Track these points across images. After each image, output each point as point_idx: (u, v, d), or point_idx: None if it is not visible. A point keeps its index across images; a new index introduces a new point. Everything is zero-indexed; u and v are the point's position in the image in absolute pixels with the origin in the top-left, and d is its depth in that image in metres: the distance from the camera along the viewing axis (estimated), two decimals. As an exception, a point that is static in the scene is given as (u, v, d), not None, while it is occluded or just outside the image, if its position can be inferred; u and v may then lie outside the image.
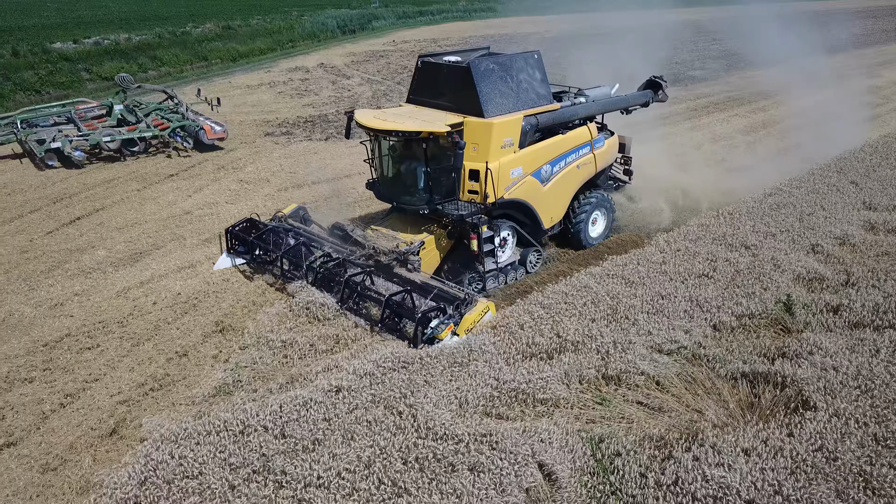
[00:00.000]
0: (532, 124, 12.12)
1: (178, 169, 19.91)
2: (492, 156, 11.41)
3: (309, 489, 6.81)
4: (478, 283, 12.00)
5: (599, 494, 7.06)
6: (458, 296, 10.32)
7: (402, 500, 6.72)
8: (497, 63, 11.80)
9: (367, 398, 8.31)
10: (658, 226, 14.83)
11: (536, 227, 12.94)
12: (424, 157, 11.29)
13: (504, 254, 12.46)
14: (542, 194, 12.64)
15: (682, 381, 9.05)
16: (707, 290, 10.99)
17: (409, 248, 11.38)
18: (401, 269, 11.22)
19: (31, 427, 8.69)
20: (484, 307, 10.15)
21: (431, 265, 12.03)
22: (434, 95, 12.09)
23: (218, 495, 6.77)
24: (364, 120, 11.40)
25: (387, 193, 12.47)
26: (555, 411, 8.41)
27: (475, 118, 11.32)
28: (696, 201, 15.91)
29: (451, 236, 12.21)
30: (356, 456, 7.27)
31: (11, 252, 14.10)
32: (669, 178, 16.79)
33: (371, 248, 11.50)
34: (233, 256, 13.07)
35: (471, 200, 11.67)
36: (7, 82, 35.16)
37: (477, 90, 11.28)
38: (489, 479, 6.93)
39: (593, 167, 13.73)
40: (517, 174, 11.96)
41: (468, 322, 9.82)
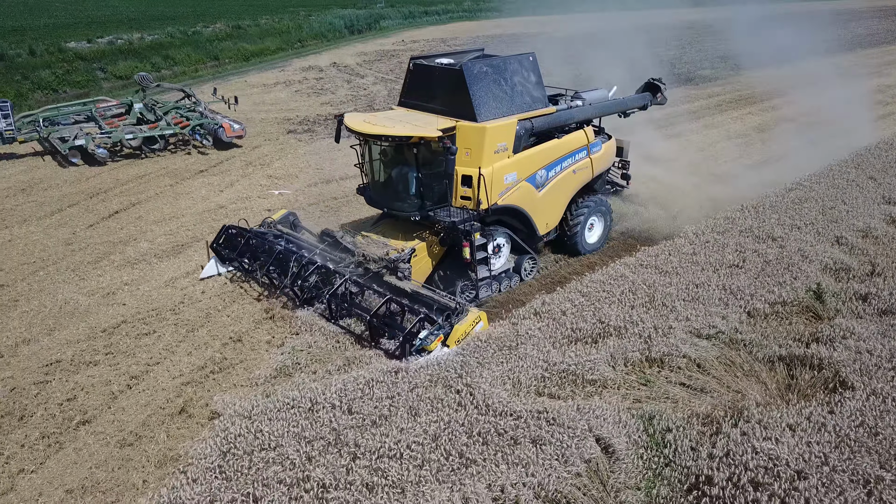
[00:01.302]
0: (527, 128, 11.74)
1: (207, 165, 20.32)
2: (485, 161, 11.04)
3: (382, 460, 7.22)
4: (471, 291, 11.64)
5: (655, 466, 7.48)
6: (448, 305, 9.98)
7: (470, 470, 7.13)
8: (491, 65, 11.45)
9: (426, 378, 8.72)
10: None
11: (531, 234, 12.61)
12: (415, 162, 10.96)
13: (498, 261, 12.11)
14: (537, 200, 12.28)
15: (721, 363, 9.46)
16: (739, 279, 11.40)
17: (399, 256, 10.97)
18: (391, 278, 10.85)
19: (102, 406, 9.10)
20: (475, 317, 9.81)
21: (423, 273, 11.67)
22: (426, 98, 11.72)
23: (297, 465, 7.18)
24: (353, 124, 11.00)
25: (377, 199, 12.12)
26: (603, 391, 8.83)
27: (468, 122, 10.96)
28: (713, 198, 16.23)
29: (443, 243, 11.79)
30: (423, 430, 7.68)
31: (57, 244, 14.51)
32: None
33: (361, 255, 11.14)
34: (218, 262, 12.72)
35: (463, 207, 11.27)
36: (25, 81, 35.55)
37: (470, 93, 10.92)
38: (552, 450, 7.34)
39: (590, 172, 13.40)
40: (511, 180, 11.59)
41: (459, 333, 9.50)
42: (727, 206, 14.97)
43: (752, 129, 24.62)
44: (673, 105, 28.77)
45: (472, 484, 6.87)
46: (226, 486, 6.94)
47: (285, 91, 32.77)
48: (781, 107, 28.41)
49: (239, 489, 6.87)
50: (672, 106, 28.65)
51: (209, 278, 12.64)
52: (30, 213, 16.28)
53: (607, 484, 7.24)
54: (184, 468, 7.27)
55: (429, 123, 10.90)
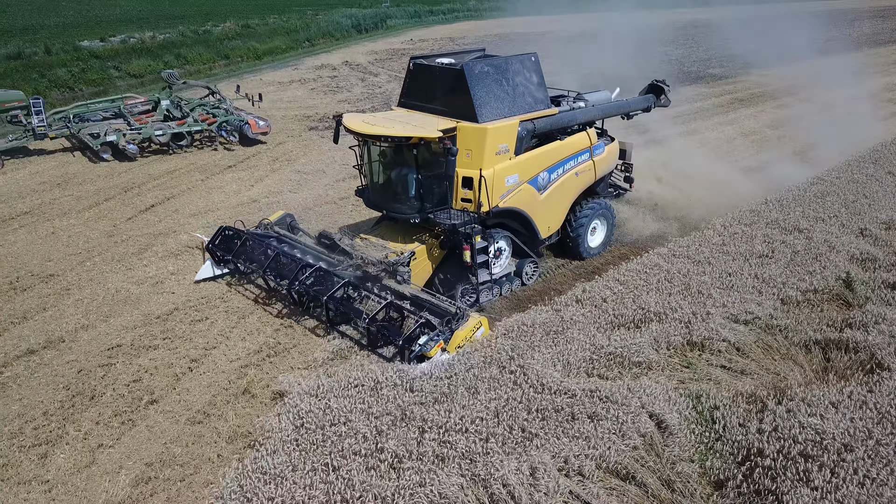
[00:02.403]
0: (528, 130, 11.56)
1: (235, 161, 20.70)
2: (486, 162, 10.86)
3: (450, 433, 7.60)
4: (471, 295, 11.44)
5: (706, 440, 7.87)
6: (449, 310, 9.82)
7: (533, 442, 7.53)
8: (492, 65, 11.26)
9: (479, 359, 9.12)
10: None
11: (533, 237, 12.39)
12: (415, 163, 10.76)
13: (499, 265, 11.93)
14: (538, 203, 12.08)
15: (759, 347, 9.86)
16: (770, 269, 11.80)
17: (398, 259, 10.80)
18: (390, 281, 10.71)
19: (167, 387, 9.49)
20: (476, 322, 9.63)
21: (423, 276, 11.50)
22: (426, 99, 11.54)
23: (369, 438, 7.57)
24: (352, 124, 10.83)
25: (376, 201, 11.89)
26: (648, 373, 9.21)
27: (469, 123, 10.79)
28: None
29: (443, 246, 11.62)
30: (483, 407, 8.07)
31: (99, 236, 14.90)
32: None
33: (359, 258, 10.95)
34: (214, 264, 12.58)
35: (464, 209, 11.09)
36: (42, 79, 35.91)
37: (471, 94, 10.74)
38: (608, 425, 7.73)
39: (593, 174, 13.22)
40: (513, 182, 11.42)
41: (459, 338, 9.34)
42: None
43: (766, 126, 25.00)
44: (687, 102, 29.32)
45: (539, 455, 7.26)
46: (304, 457, 7.32)
47: (301, 89, 33.16)
48: (793, 105, 28.79)
49: (318, 460, 7.26)
50: (686, 103, 29.22)
51: (204, 280, 12.51)
52: (69, 207, 16.66)
53: (663, 456, 7.63)
54: (262, 441, 7.64)
55: (429, 124, 10.73)
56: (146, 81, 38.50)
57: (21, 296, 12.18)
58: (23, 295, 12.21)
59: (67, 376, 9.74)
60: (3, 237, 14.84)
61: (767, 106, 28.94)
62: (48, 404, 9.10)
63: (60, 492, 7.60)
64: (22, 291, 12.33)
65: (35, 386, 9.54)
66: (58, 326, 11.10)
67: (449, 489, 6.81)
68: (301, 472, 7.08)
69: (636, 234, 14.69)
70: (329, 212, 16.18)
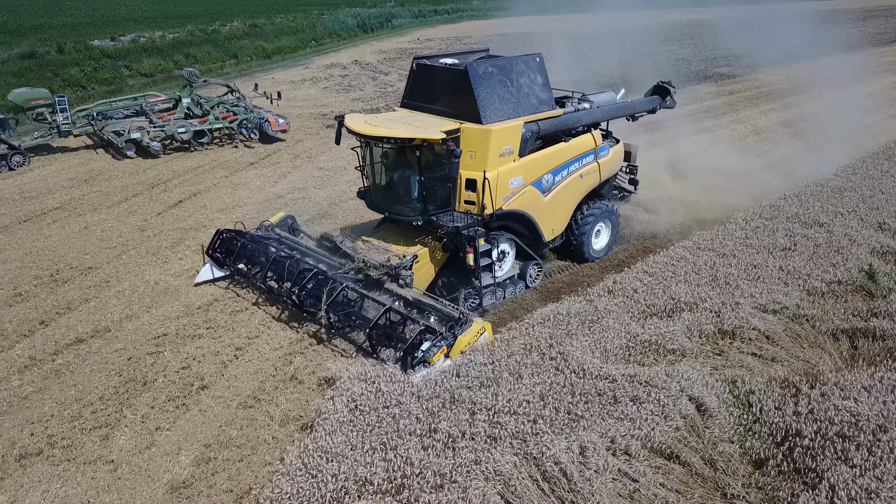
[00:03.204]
0: (533, 131, 11.43)
1: (256, 158, 21.00)
2: (490, 164, 10.72)
3: (500, 415, 7.91)
4: (474, 298, 11.29)
5: (744, 422, 8.19)
6: (452, 315, 9.68)
7: (580, 423, 7.83)
8: (496, 66, 11.11)
9: (520, 346, 9.42)
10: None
11: (537, 240, 12.25)
12: (418, 165, 10.59)
13: (502, 268, 11.78)
14: (543, 205, 11.92)
15: (788, 336, 10.16)
16: (794, 261, 12.11)
17: (400, 262, 10.66)
18: (392, 285, 10.53)
19: (216, 374, 9.79)
20: (480, 328, 9.51)
21: (425, 280, 11.34)
22: (429, 100, 11.39)
23: (422, 419, 7.87)
24: (354, 125, 10.68)
25: (378, 203, 11.73)
26: (682, 360, 9.51)
27: (472, 124, 10.63)
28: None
29: (446, 249, 11.46)
30: (529, 391, 8.37)
31: (131, 231, 15.20)
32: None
33: (361, 261, 10.79)
34: (214, 266, 12.42)
35: (467, 211, 10.92)
36: (56, 78, 36.18)
37: (475, 95, 10.57)
38: (651, 408, 8.04)
39: (597, 177, 13.06)
40: (517, 184, 11.25)
41: (462, 344, 9.22)
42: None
43: (778, 124, 25.28)
44: (696, 101, 29.65)
45: (587, 435, 7.56)
46: (362, 437, 7.62)
47: (314, 88, 33.46)
48: (802, 103, 29.09)
49: (375, 439, 7.56)
50: (695, 102, 29.55)
51: (204, 283, 12.44)
52: (98, 203, 16.96)
53: (704, 437, 7.93)
54: (321, 423, 7.93)
55: (432, 125, 10.58)
56: (157, 80, 38.83)
57: (62, 287, 12.48)
58: (64, 287, 12.51)
59: (118, 363, 10.04)
60: (38, 231, 15.13)
61: (777, 104, 29.22)
62: (103, 389, 9.40)
63: (125, 471, 7.90)
64: (63, 283, 12.63)
65: (87, 372, 9.85)
66: (102, 317, 11.39)
67: (503, 466, 7.11)
68: (360, 451, 7.39)
69: (653, 230, 14.94)
70: (354, 207, 16.44)
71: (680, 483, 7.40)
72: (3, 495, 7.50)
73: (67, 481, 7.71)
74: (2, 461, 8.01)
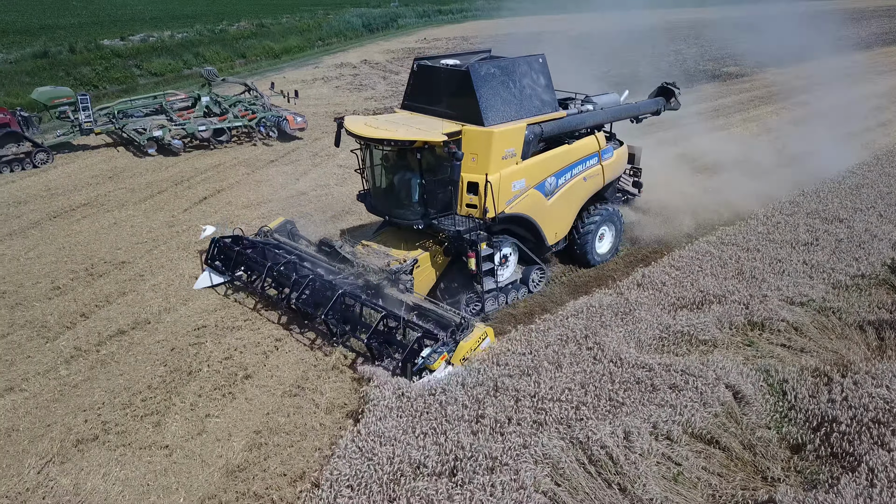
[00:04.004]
0: (536, 133, 11.26)
1: (276, 156, 21.24)
2: (492, 167, 10.55)
3: (544, 401, 8.14)
4: (476, 303, 11.13)
5: (780, 409, 8.42)
6: (453, 320, 9.50)
7: (622, 409, 8.07)
8: (498, 67, 10.93)
9: (556, 337, 9.67)
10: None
11: (540, 244, 12.10)
12: (419, 167, 10.40)
13: (505, 272, 11.55)
14: (546, 208, 11.77)
15: (815, 327, 10.41)
16: (817, 255, 12.35)
17: (401, 267, 10.48)
18: (392, 290, 10.34)
19: (258, 364, 10.02)
20: (481, 333, 9.35)
21: (426, 284, 11.18)
22: (430, 101, 11.20)
23: (469, 406, 8.11)
24: (354, 127, 10.56)
25: (379, 206, 11.57)
26: (714, 350, 9.75)
27: (474, 126, 10.48)
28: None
29: (447, 253, 11.29)
30: (569, 379, 8.61)
31: (160, 226, 15.44)
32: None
33: (360, 266, 10.64)
34: (212, 272, 12.24)
35: (469, 215, 10.78)
36: (68, 77, 36.41)
37: (476, 96, 10.41)
38: (690, 395, 8.28)
39: (601, 179, 12.89)
40: (519, 187, 11.09)
41: (464, 350, 9.05)
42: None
43: (789, 122, 25.52)
44: (707, 100, 29.91)
45: (630, 420, 7.80)
46: (412, 423, 7.86)
47: (325, 87, 33.70)
48: (812, 102, 29.27)
49: (425, 424, 7.79)
50: (706, 101, 29.80)
51: (204, 289, 12.32)
52: (125, 199, 17.20)
53: (742, 423, 8.17)
54: (371, 409, 8.16)
55: (433, 127, 10.40)
56: (167, 80, 39.07)
57: (98, 281, 12.72)
58: (100, 280, 12.75)
59: (161, 354, 10.28)
60: (69, 227, 15.38)
61: (787, 103, 29.42)
62: (150, 379, 9.64)
63: (180, 455, 8.14)
64: (99, 277, 12.87)
65: (132, 362, 10.08)
66: (141, 309, 11.63)
67: (551, 450, 7.35)
68: (412, 435, 7.62)
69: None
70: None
71: (721, 467, 7.64)
72: (65, 478, 7.73)
73: (126, 465, 7.95)
74: (60, 446, 8.25)
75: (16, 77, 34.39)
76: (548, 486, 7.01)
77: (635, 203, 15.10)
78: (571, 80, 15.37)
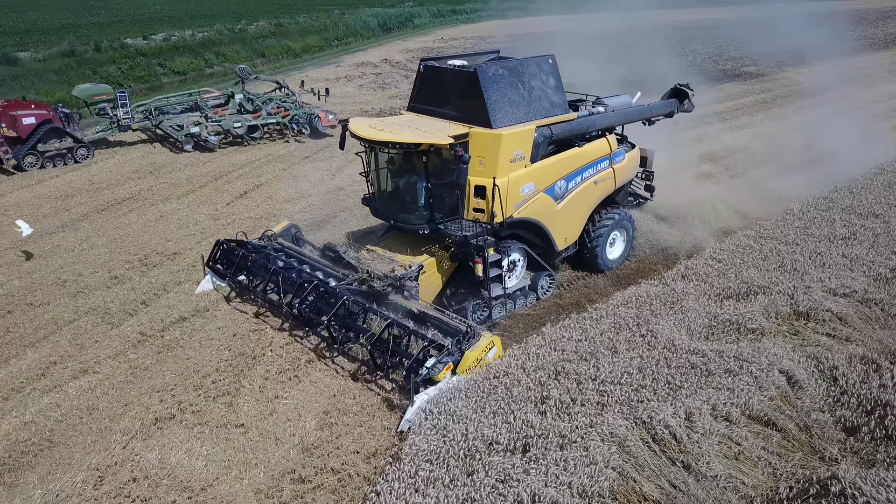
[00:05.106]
0: (545, 136, 11.07)
1: (310, 152, 21.64)
2: (500, 170, 10.35)
3: (604, 385, 8.46)
4: (483, 310, 10.89)
5: (832, 394, 8.72)
6: (459, 329, 9.27)
7: (681, 392, 8.36)
8: (507, 68, 10.75)
9: (608, 325, 9.98)
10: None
11: (549, 249, 11.84)
12: (425, 171, 10.22)
13: (513, 279, 11.38)
14: (555, 213, 11.53)
15: (859, 318, 10.66)
16: (855, 249, 12.60)
17: (405, 273, 10.25)
18: (397, 297, 10.10)
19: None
20: (488, 342, 9.09)
21: (432, 291, 10.98)
22: (437, 103, 11.00)
23: (533, 388, 8.43)
24: (359, 130, 10.36)
25: (384, 211, 11.38)
26: (762, 339, 10.02)
27: (482, 129, 10.30)
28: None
29: (454, 259, 11.09)
30: (627, 363, 8.92)
31: (206, 219, 15.85)
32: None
33: (364, 271, 10.42)
34: (214, 277, 12.12)
35: (476, 220, 10.57)
36: (94, 76, 36.97)
37: (484, 98, 10.22)
38: (747, 379, 8.56)
39: (612, 183, 12.67)
40: (528, 191, 10.88)
41: (470, 360, 8.77)
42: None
43: (813, 121, 25.63)
44: (729, 99, 30.14)
45: (690, 401, 8.10)
46: (481, 402, 8.18)
47: (349, 85, 34.10)
48: (834, 101, 29.41)
49: (493, 405, 8.12)
50: (729, 100, 30.02)
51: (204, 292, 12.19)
52: (168, 193, 17.63)
53: (797, 407, 8.46)
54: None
55: (440, 130, 10.23)
56: (191, 79, 39.61)
57: (153, 271, 13.12)
58: (155, 270, 13.15)
59: (224, 340, 10.65)
60: (117, 220, 15.81)
61: (808, 102, 29.57)
62: (216, 363, 10.01)
63: (255, 434, 8.50)
64: (153, 267, 13.28)
65: (197, 347, 10.46)
66: (198, 298, 11.99)
67: (617, 429, 7.66)
68: (482, 414, 7.95)
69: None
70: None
71: (779, 447, 7.93)
72: (150, 453, 8.11)
73: (205, 442, 8.32)
74: (140, 424, 8.62)
75: (45, 75, 34.99)
76: (616, 461, 7.31)
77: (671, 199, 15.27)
78: (592, 81, 15.60)
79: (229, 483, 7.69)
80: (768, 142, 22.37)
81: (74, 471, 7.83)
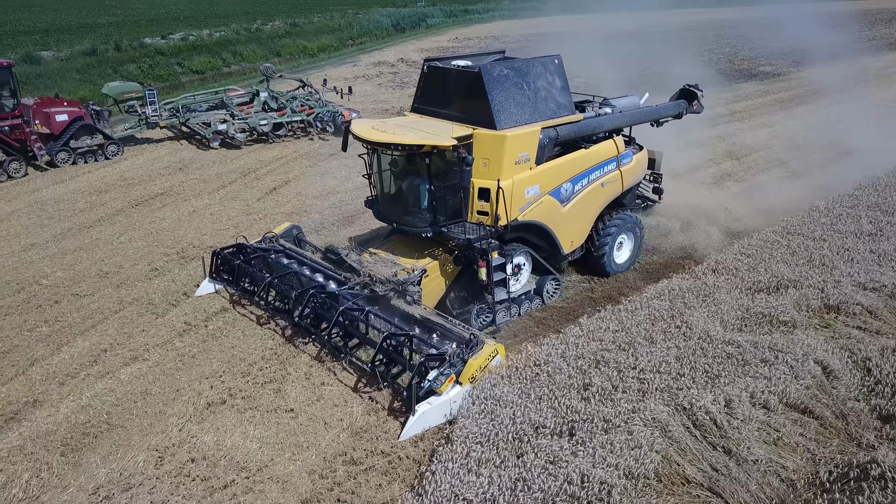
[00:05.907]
0: (551, 137, 10.88)
1: (335, 149, 21.83)
2: (504, 172, 10.19)
3: (643, 373, 8.70)
4: (487, 315, 10.77)
5: (867, 383, 8.90)
6: (462, 336, 9.13)
7: (720, 380, 8.59)
8: (512, 68, 10.61)
9: (644, 316, 10.21)
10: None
11: (555, 253, 11.70)
12: (428, 173, 10.07)
13: (517, 283, 11.19)
14: (561, 216, 11.37)
15: (889, 312, 10.84)
16: (883, 245, 12.77)
17: (408, 278, 10.14)
18: (399, 301, 10.02)
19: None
20: (492, 350, 8.91)
21: (435, 295, 10.81)
22: (441, 104, 10.88)
23: (574, 376, 8.68)
24: (361, 131, 10.25)
25: (386, 213, 11.26)
26: (794, 331, 10.22)
27: (486, 130, 10.16)
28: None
29: (457, 262, 10.88)
30: (664, 353, 9.15)
31: (238, 214, 16.17)
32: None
33: (366, 275, 10.33)
34: (216, 282, 11.97)
35: (480, 222, 10.40)
36: (115, 74, 37.45)
37: (488, 98, 10.09)
38: (783, 368, 8.78)
39: (619, 185, 12.49)
40: (533, 193, 10.72)
41: (473, 368, 8.61)
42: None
43: (832, 120, 25.76)
44: (747, 99, 30.28)
45: (729, 389, 8.33)
46: (525, 389, 8.44)
47: (368, 84, 34.43)
48: (852, 101, 29.44)
49: (538, 391, 8.37)
50: (746, 99, 30.16)
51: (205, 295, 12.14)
52: (199, 189, 17.97)
53: (832, 395, 8.66)
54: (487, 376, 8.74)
55: (443, 131, 10.10)
56: (209, 77, 40.06)
57: (192, 264, 13.44)
58: (192, 263, 13.46)
59: (266, 329, 10.94)
60: (152, 214, 16.16)
61: (825, 102, 29.63)
62: (261, 351, 10.30)
63: (304, 418, 8.78)
64: (191, 260, 13.59)
65: (240, 336, 10.76)
66: (236, 290, 12.28)
67: (659, 415, 7.90)
68: (528, 399, 8.20)
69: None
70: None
71: (817, 433, 8.13)
72: (206, 435, 8.41)
73: (258, 425, 8.61)
74: (194, 408, 8.92)
75: (67, 74, 35.48)
76: (660, 445, 7.55)
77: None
78: (608, 81, 15.65)
79: (283, 464, 7.97)
80: (788, 140, 22.52)
81: (135, 451, 8.14)
